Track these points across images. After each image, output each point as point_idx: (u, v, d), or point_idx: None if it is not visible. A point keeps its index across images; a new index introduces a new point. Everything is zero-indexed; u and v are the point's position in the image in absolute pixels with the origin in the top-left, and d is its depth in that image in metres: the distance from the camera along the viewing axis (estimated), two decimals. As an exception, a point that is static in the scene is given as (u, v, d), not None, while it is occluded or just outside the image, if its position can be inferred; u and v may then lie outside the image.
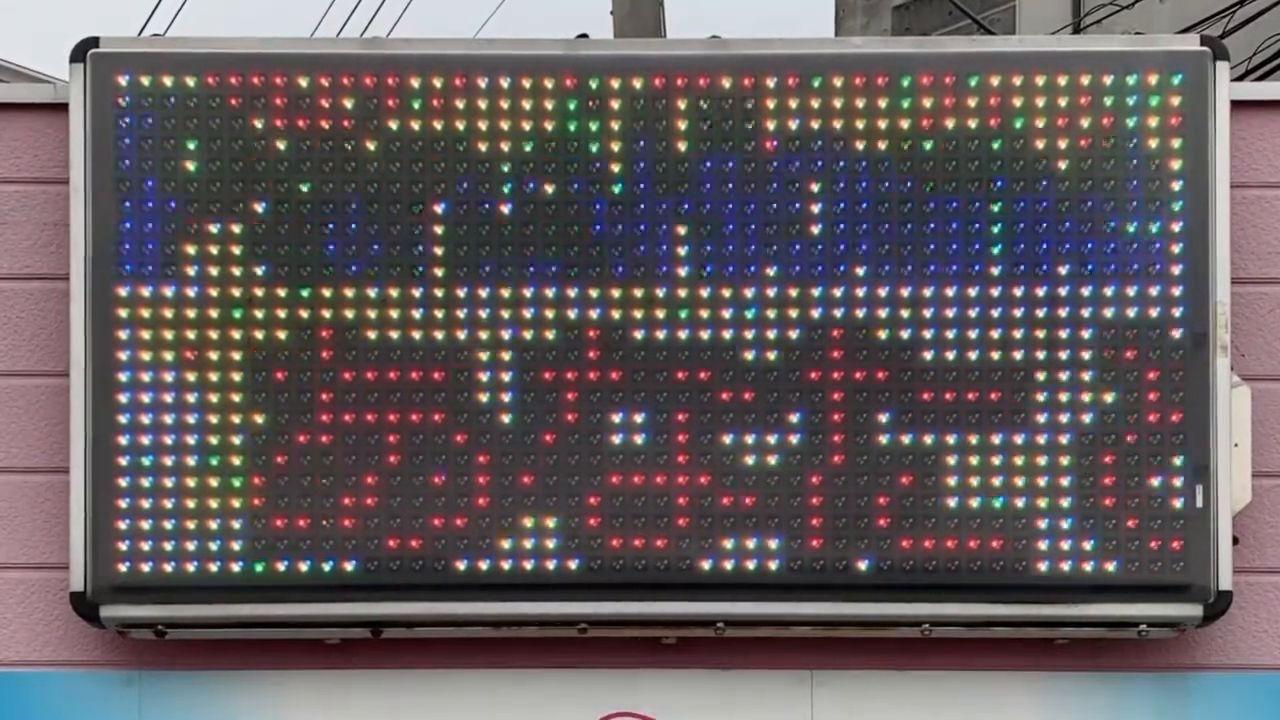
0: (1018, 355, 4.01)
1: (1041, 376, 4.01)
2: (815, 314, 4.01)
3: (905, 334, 4.01)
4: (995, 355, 4.01)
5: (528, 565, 4.01)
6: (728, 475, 4.00)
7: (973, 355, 4.01)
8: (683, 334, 4.01)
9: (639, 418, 4.01)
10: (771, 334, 4.01)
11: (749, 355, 4.01)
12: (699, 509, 4.01)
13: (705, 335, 4.01)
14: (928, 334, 4.01)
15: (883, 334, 4.01)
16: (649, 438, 4.01)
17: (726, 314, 4.01)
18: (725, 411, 4.01)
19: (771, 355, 4.01)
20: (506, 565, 4.00)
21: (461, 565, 4.00)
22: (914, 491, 4.00)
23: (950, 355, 4.01)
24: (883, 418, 4.01)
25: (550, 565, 4.01)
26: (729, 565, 4.01)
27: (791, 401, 4.01)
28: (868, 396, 4.01)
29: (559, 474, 4.01)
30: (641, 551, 4.00)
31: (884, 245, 4.01)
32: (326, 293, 4.00)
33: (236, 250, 4.00)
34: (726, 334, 4.01)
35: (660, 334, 4.01)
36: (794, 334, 4.01)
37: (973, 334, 4.01)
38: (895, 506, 4.00)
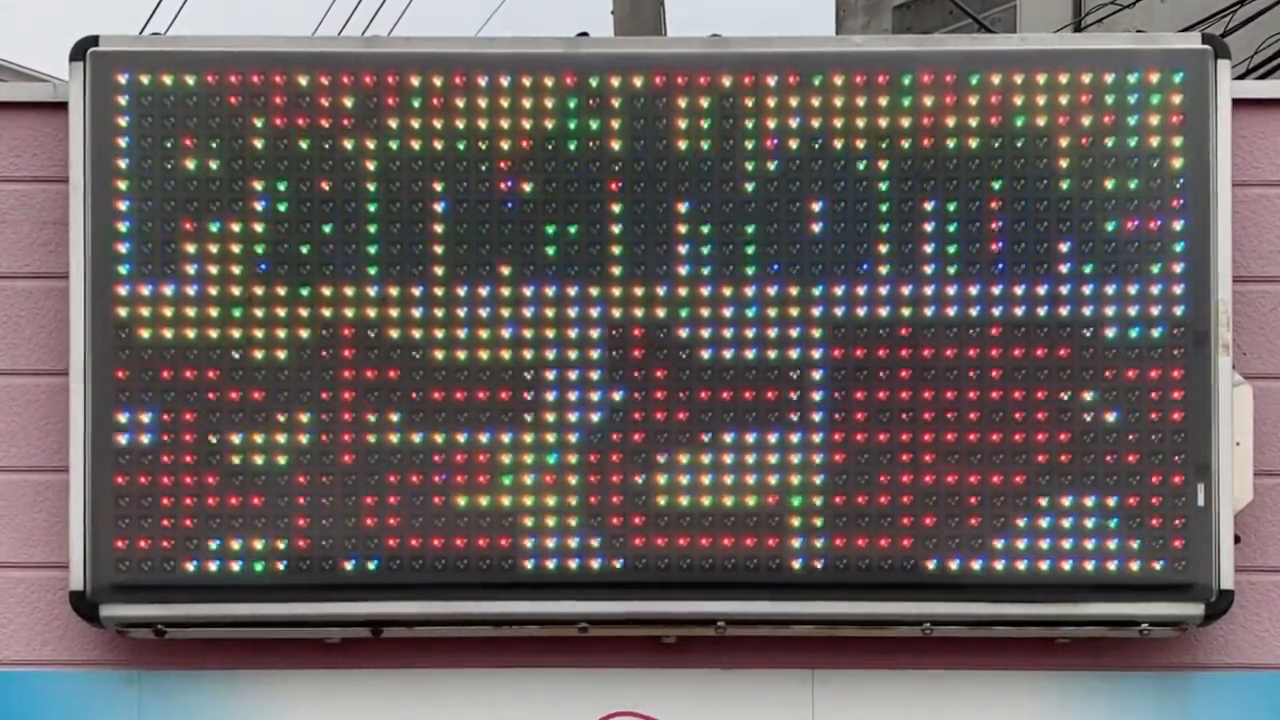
0: (1018, 353, 4.00)
1: (1042, 375, 4.00)
2: (816, 312, 4.01)
3: (906, 331, 4.00)
4: (996, 353, 4.00)
5: (528, 564, 4.00)
6: (728, 473, 4.00)
7: (973, 353, 4.00)
8: (683, 332, 4.01)
9: (639, 416, 4.00)
10: (772, 332, 4.00)
11: (750, 353, 4.01)
12: (700, 508, 4.00)
13: (706, 333, 4.01)
14: (928, 332, 4.00)
15: (883, 332, 4.01)
16: (648, 436, 4.00)
17: (727, 312, 4.00)
18: (726, 410, 4.00)
19: (772, 353, 4.01)
20: (507, 564, 4.00)
21: (462, 564, 3.99)
22: (912, 489, 4.00)
23: (951, 353, 4.00)
24: (883, 416, 4.00)
25: (550, 564, 4.00)
26: (730, 564, 4.00)
27: (792, 399, 4.00)
28: (867, 394, 4.00)
29: (559, 472, 4.00)
30: (642, 550, 4.00)
31: (885, 243, 4.00)
32: (326, 291, 4.00)
33: (236, 249, 4.00)
34: (727, 332, 4.00)
35: (661, 332, 4.01)
36: (794, 332, 4.00)
37: (973, 332, 4.00)
38: (895, 504, 4.00)
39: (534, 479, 4.00)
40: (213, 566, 3.99)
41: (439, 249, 4.00)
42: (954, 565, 3.99)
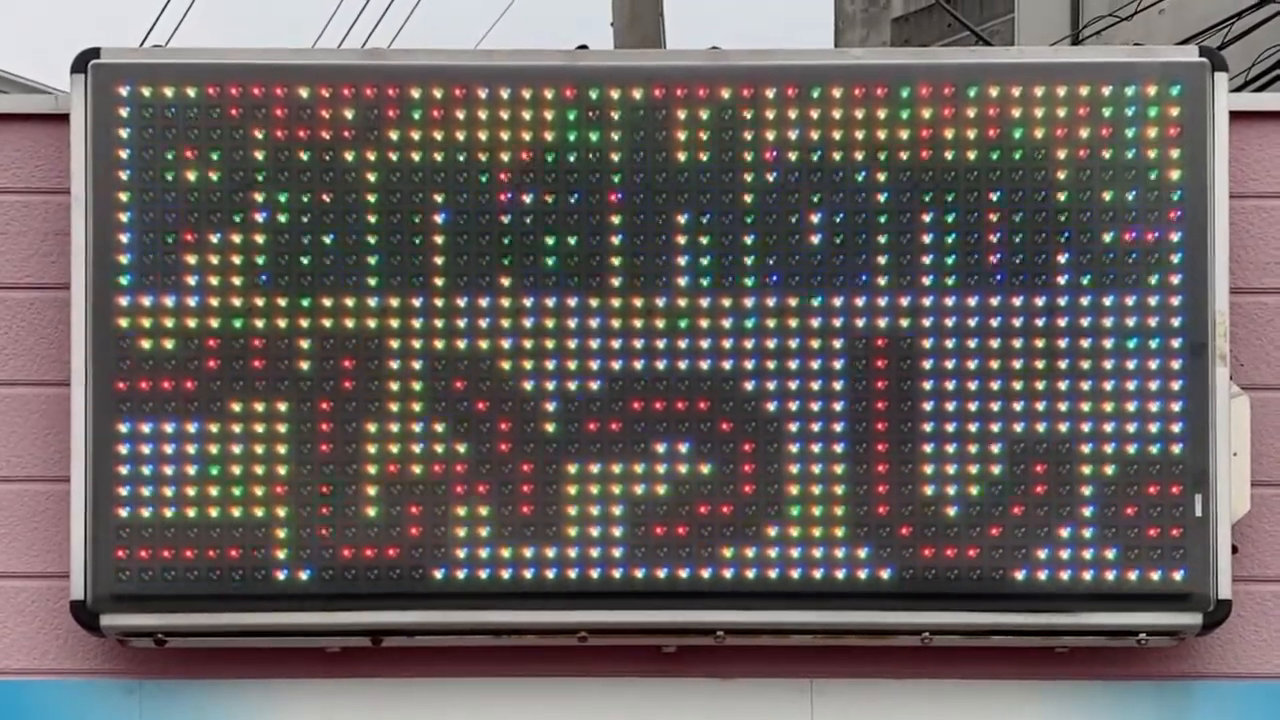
0: (1017, 364, 4.01)
1: (1040, 386, 4.01)
2: (815, 323, 4.02)
3: (905, 343, 4.01)
4: (994, 364, 4.01)
5: (528, 574, 4.01)
6: (727, 484, 4.01)
7: (972, 364, 4.01)
8: (682, 343, 4.02)
9: (639, 427, 4.01)
10: (771, 343, 4.01)
11: (748, 364, 4.02)
12: (699, 517, 4.01)
13: (705, 344, 4.02)
14: (927, 343, 4.01)
15: (882, 343, 4.02)
16: (647, 447, 4.01)
17: (726, 323, 4.01)
18: (724, 420, 4.01)
19: (771, 364, 4.02)
20: (506, 574, 4.01)
21: (461, 574, 4.00)
22: (912, 500, 4.01)
23: (950, 364, 4.01)
24: (881, 427, 4.01)
25: (550, 574, 4.01)
26: (729, 573, 4.01)
27: (791, 411, 4.01)
28: (867, 405, 4.01)
29: (558, 482, 4.01)
30: (641, 560, 4.01)
31: (883, 255, 4.02)
32: (327, 302, 4.01)
33: (237, 260, 4.01)
34: (726, 343, 4.02)
35: (660, 343, 4.02)
36: (793, 343, 4.01)
37: (972, 343, 4.01)
38: (893, 514, 4.00)
39: (533, 489, 4.01)
40: (213, 576, 3.99)
41: (439, 260, 4.02)
42: (952, 575, 4.00)
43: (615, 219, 4.02)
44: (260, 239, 4.01)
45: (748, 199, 4.02)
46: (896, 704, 4.21)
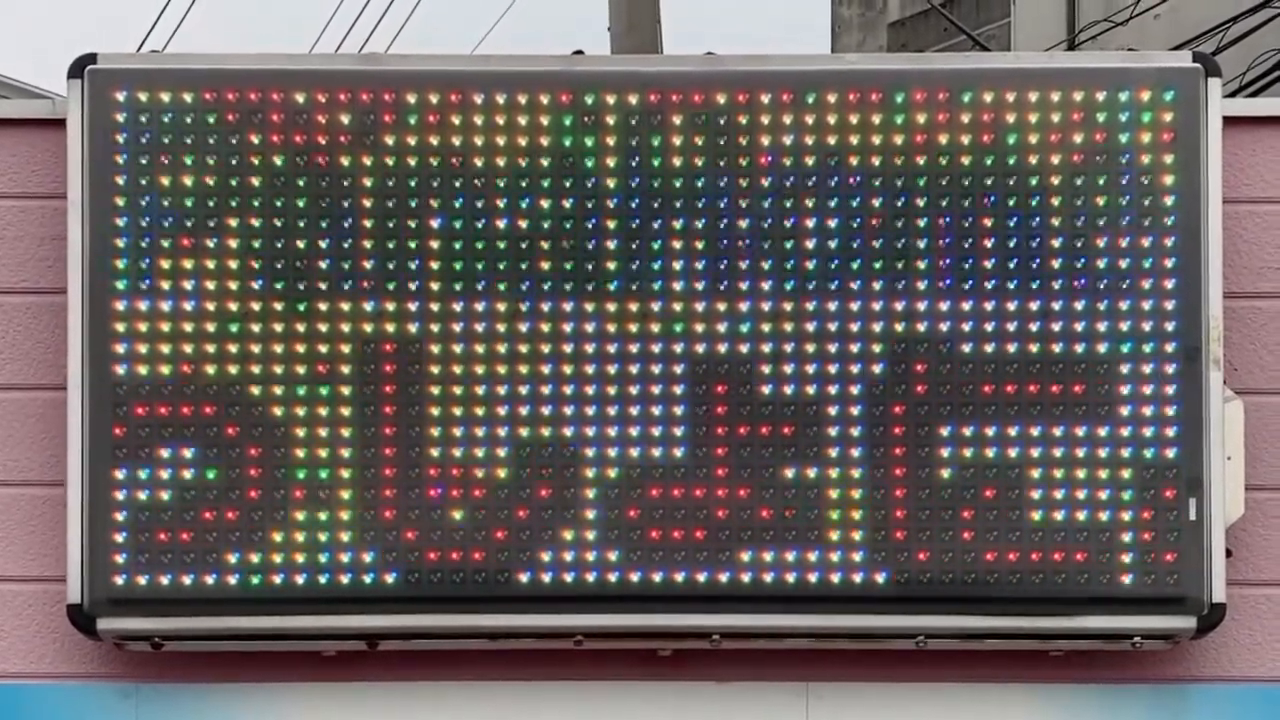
0: (1011, 369, 4.02)
1: (1034, 390, 4.02)
2: (810, 328, 4.03)
3: (899, 348, 4.02)
4: (989, 368, 4.02)
5: (523, 578, 4.02)
6: (722, 488, 4.02)
7: (966, 368, 4.02)
8: (678, 347, 4.03)
9: (634, 431, 4.02)
10: (766, 348, 4.02)
11: (744, 369, 4.03)
12: (694, 521, 4.02)
13: (700, 349, 4.03)
14: (921, 348, 4.02)
15: (877, 348, 4.03)
16: (643, 451, 4.02)
17: (722, 328, 4.02)
18: (718, 424, 4.02)
19: (766, 369, 4.03)
20: (503, 578, 4.01)
21: (458, 577, 4.01)
22: (906, 504, 4.01)
23: (944, 368, 4.02)
24: (876, 431, 4.02)
25: (546, 578, 4.02)
26: (724, 577, 4.02)
27: (786, 415, 4.02)
28: (860, 410, 4.02)
29: (554, 487, 4.02)
30: (637, 563, 4.01)
31: (878, 260, 4.03)
32: (323, 307, 4.02)
33: (233, 265, 4.02)
34: (721, 348, 4.02)
35: (656, 347, 4.03)
36: (788, 348, 4.02)
37: (967, 348, 4.02)
38: (889, 519, 4.01)
39: (528, 494, 4.02)
40: (209, 580, 4.00)
41: (435, 265, 4.02)
42: (948, 578, 4.01)
43: (611, 224, 4.03)
44: (256, 244, 4.02)
45: (743, 204, 4.03)
46: (892, 707, 4.21)
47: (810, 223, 4.03)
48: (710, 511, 4.02)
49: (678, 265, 4.03)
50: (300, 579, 4.00)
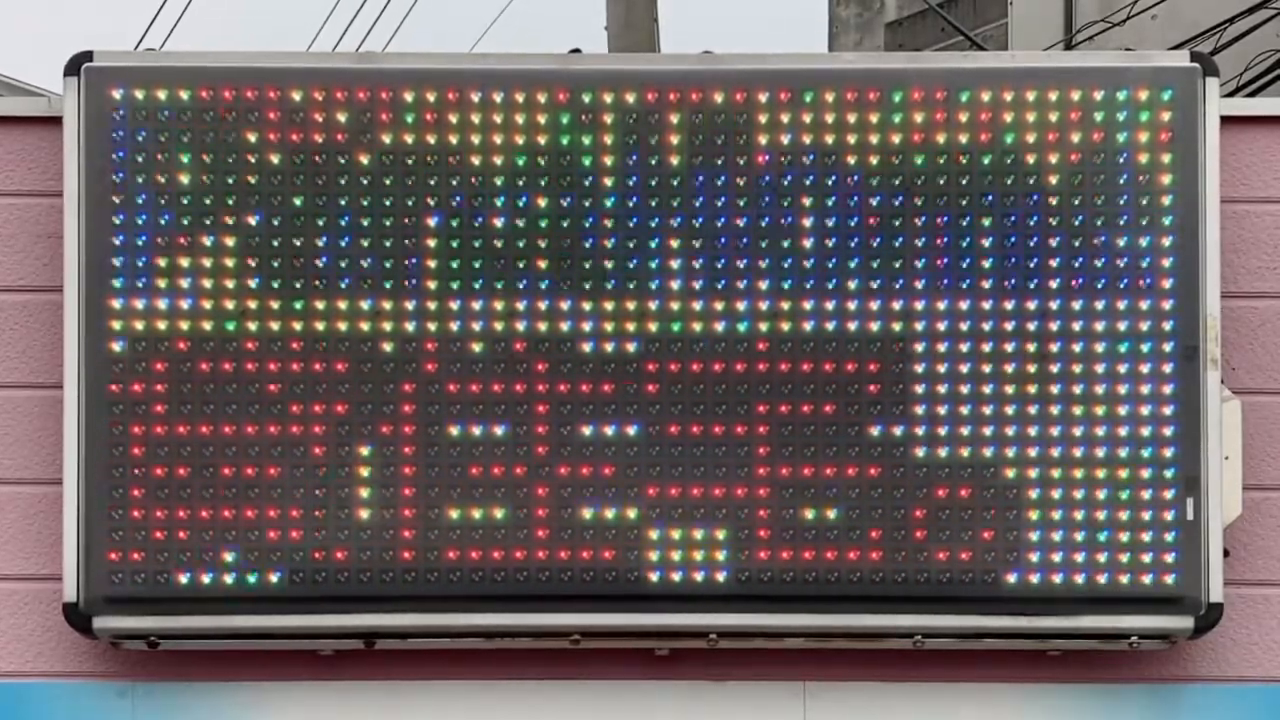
0: (1009, 368, 4.02)
1: (1033, 390, 4.02)
2: (807, 327, 4.03)
3: (897, 347, 4.02)
4: (986, 368, 4.02)
5: (520, 576, 4.01)
6: (719, 487, 4.01)
7: (964, 368, 4.02)
8: (675, 346, 4.03)
9: (631, 430, 4.02)
10: (763, 346, 4.02)
11: (741, 367, 4.02)
12: (692, 521, 4.02)
13: (698, 347, 4.02)
14: (919, 347, 4.02)
15: (875, 347, 4.03)
16: (640, 449, 4.02)
17: (719, 326, 4.02)
18: (716, 423, 4.02)
19: (763, 367, 4.02)
20: (499, 577, 4.01)
21: (455, 576, 4.01)
22: (904, 504, 4.01)
23: (942, 368, 4.02)
24: (874, 430, 4.02)
25: (543, 576, 4.01)
26: (721, 576, 4.02)
27: (783, 414, 4.02)
28: (860, 409, 4.02)
29: (550, 485, 4.02)
30: (634, 562, 4.01)
31: (875, 259, 4.03)
32: (320, 305, 4.02)
33: (230, 263, 4.02)
34: (718, 346, 4.02)
35: (652, 347, 4.03)
36: (785, 346, 4.02)
37: (964, 347, 4.02)
38: (887, 518, 4.01)
39: (525, 492, 4.01)
40: (206, 578, 4.00)
41: (432, 263, 4.02)
42: (945, 578, 4.01)
43: (608, 223, 4.03)
44: (253, 241, 4.02)
45: (740, 203, 4.02)
46: (889, 707, 4.21)
47: (808, 222, 4.03)
48: (709, 510, 4.02)
49: (675, 264, 4.02)
50: (297, 577, 3.99)
